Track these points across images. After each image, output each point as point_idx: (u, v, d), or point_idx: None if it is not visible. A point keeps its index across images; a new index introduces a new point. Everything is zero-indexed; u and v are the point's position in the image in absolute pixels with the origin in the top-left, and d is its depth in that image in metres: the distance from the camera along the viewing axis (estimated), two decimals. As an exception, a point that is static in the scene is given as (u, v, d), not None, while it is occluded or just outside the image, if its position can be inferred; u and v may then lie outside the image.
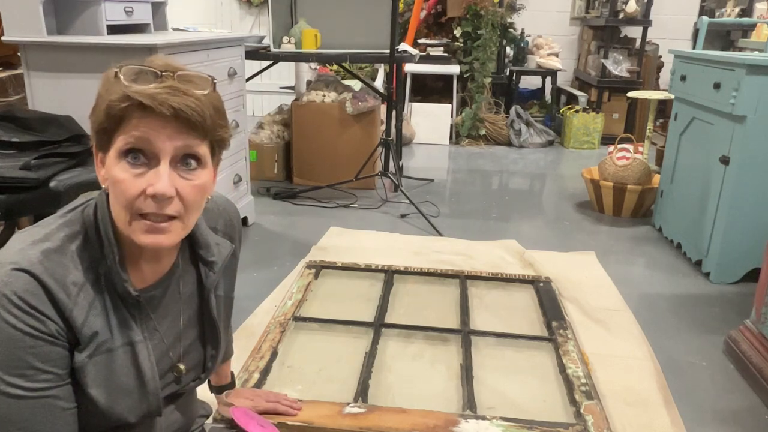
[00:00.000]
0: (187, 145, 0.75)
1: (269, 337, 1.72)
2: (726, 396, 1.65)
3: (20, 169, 1.56)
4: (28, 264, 0.72)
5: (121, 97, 0.72)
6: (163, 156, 0.73)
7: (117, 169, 0.74)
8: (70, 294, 0.75)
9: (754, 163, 2.21)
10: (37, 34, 1.99)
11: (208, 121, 0.75)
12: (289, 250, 2.54)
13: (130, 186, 0.73)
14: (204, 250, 0.92)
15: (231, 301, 1.04)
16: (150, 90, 0.72)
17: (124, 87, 0.72)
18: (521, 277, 2.21)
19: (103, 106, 0.74)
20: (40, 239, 0.76)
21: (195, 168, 0.77)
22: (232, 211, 1.04)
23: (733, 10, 4.87)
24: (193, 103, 0.73)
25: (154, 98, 0.71)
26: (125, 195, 0.74)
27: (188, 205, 0.77)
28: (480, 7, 4.58)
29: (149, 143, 0.73)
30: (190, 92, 0.73)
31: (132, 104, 0.72)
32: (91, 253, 0.79)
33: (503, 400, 1.52)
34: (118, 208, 0.75)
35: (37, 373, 0.72)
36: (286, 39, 3.27)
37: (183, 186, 0.76)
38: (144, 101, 0.71)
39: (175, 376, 0.93)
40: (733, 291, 2.29)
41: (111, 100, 0.73)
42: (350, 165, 3.29)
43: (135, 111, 0.72)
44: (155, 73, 0.74)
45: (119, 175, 0.74)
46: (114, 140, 0.74)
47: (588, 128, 4.70)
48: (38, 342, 0.72)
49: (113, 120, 0.73)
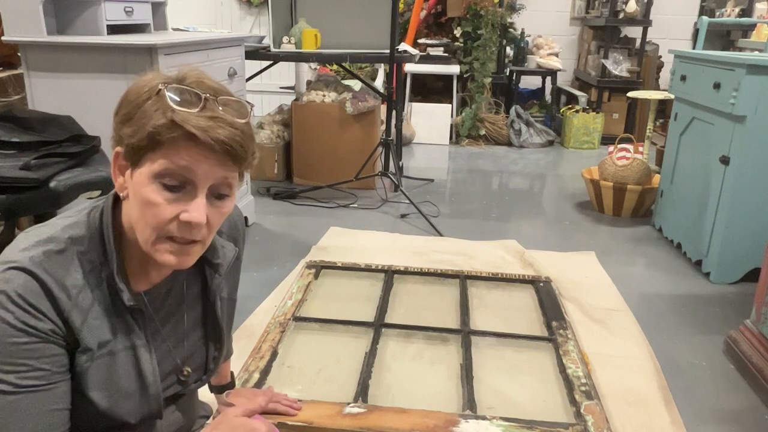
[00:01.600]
0: (225, 177, 0.75)
1: (269, 337, 1.72)
2: (726, 396, 1.65)
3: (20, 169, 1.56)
4: (29, 264, 0.73)
5: (169, 124, 0.71)
6: (201, 186, 0.74)
7: (150, 190, 0.73)
8: (69, 295, 0.75)
9: (754, 163, 2.21)
10: (37, 34, 1.99)
11: (249, 153, 0.76)
12: (289, 250, 2.54)
13: (164, 210, 0.73)
14: (210, 253, 0.92)
15: (234, 303, 1.05)
16: (200, 122, 0.71)
17: (170, 110, 0.71)
18: (521, 277, 2.20)
19: (146, 125, 0.72)
20: (44, 240, 0.76)
21: (225, 197, 0.78)
22: (237, 215, 1.05)
23: (733, 10, 4.87)
24: (239, 137, 0.73)
25: (205, 131, 0.71)
26: (157, 218, 0.74)
27: (212, 229, 0.79)
28: (480, 7, 4.58)
29: (191, 172, 0.73)
30: (236, 124, 0.73)
31: (181, 134, 0.71)
32: (94, 257, 0.79)
33: (503, 400, 1.52)
34: (144, 226, 0.75)
35: (29, 370, 0.72)
36: (286, 39, 3.27)
37: (212, 214, 0.77)
38: (195, 133, 0.70)
39: (179, 378, 0.93)
40: (733, 291, 2.29)
41: (158, 125, 0.71)
42: (350, 165, 3.29)
43: (182, 139, 0.71)
44: (198, 94, 0.73)
45: (153, 198, 0.73)
46: (149, 159, 0.73)
47: (588, 128, 4.70)
48: (32, 339, 0.72)
49: (155, 142, 0.72)
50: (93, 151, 1.75)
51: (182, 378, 0.93)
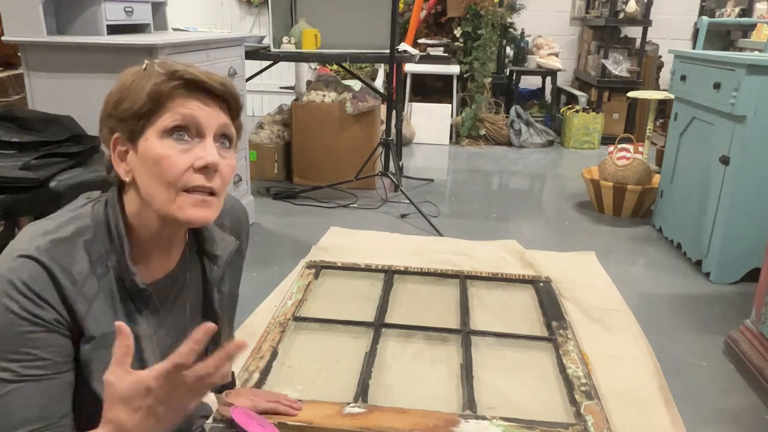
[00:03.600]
0: (226, 124, 0.80)
1: (269, 337, 1.72)
2: (726, 396, 1.65)
3: (20, 169, 1.56)
4: (35, 251, 0.74)
5: (168, 76, 0.75)
6: (208, 132, 0.78)
7: (160, 147, 0.76)
8: (75, 282, 0.75)
9: (754, 163, 2.21)
10: (37, 34, 1.99)
11: (239, 102, 0.82)
12: (289, 250, 2.54)
13: (178, 161, 0.76)
14: (209, 244, 0.94)
15: (235, 298, 1.05)
16: (194, 71, 0.76)
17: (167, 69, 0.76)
18: (521, 277, 2.20)
19: (143, 91, 0.75)
20: (50, 230, 0.77)
21: (229, 147, 0.82)
22: (240, 210, 1.06)
23: (733, 10, 4.87)
24: (230, 85, 0.79)
25: (207, 76, 0.76)
26: (173, 170, 0.76)
27: (225, 183, 0.81)
28: (480, 7, 4.58)
29: (196, 120, 0.77)
30: (224, 77, 0.80)
31: (180, 83, 0.76)
32: (100, 247, 0.80)
33: (503, 400, 1.52)
34: (160, 187, 0.77)
35: (33, 359, 0.73)
36: (286, 39, 3.27)
37: (222, 163, 0.79)
38: (197, 78, 0.76)
39: None
40: (733, 291, 2.29)
41: (156, 83, 0.75)
42: (350, 165, 3.29)
43: (180, 90, 0.76)
44: (180, 65, 0.78)
45: (165, 152, 0.76)
46: (152, 122, 0.76)
47: (588, 128, 4.70)
48: (36, 328, 0.72)
49: (156, 102, 0.76)
50: (93, 151, 1.75)
51: None
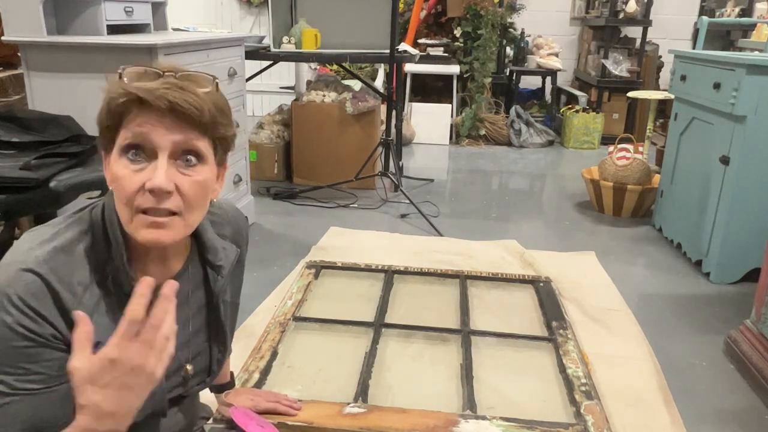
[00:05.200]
0: (186, 140, 0.75)
1: (269, 337, 1.72)
2: (726, 396, 1.65)
3: (20, 169, 1.56)
4: (34, 263, 0.72)
5: (121, 92, 0.73)
6: (161, 151, 0.74)
7: (118, 166, 0.75)
8: (75, 293, 0.75)
9: (754, 163, 2.21)
10: (37, 34, 1.99)
11: (207, 117, 0.75)
12: (289, 250, 2.54)
13: (130, 182, 0.73)
14: (212, 255, 0.93)
15: (236, 306, 1.05)
16: (149, 86, 0.73)
17: (125, 85, 0.74)
18: (521, 277, 2.20)
19: (107, 103, 0.75)
20: (48, 239, 0.76)
21: (195, 164, 0.77)
22: (241, 220, 1.05)
23: (733, 10, 4.87)
24: (191, 98, 0.73)
25: (151, 92, 0.72)
26: (125, 191, 0.74)
27: (189, 201, 0.77)
28: (480, 7, 4.58)
29: (146, 138, 0.73)
30: (190, 89, 0.74)
31: (130, 99, 0.73)
32: (99, 254, 0.79)
33: (503, 400, 1.52)
34: (121, 205, 0.76)
35: (27, 374, 0.72)
36: (286, 39, 3.27)
37: (183, 182, 0.76)
38: (141, 95, 0.72)
39: (183, 377, 0.93)
40: (733, 291, 2.29)
41: (111, 97, 0.74)
42: (350, 165, 3.29)
43: (134, 106, 0.73)
44: (158, 72, 0.75)
45: (120, 172, 0.74)
46: (115, 138, 0.76)
47: (588, 128, 4.70)
48: (31, 343, 0.71)
49: (114, 117, 0.75)
50: (93, 151, 1.75)
51: (185, 377, 0.94)
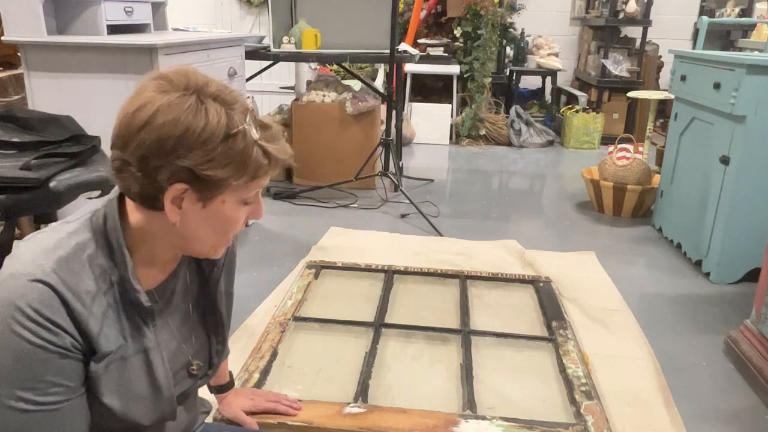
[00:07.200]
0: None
1: (269, 337, 1.72)
2: (726, 396, 1.65)
3: (20, 169, 1.55)
4: (42, 274, 0.71)
5: (269, 163, 0.78)
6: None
7: (236, 211, 0.80)
8: (84, 303, 0.74)
9: (754, 163, 2.21)
10: (37, 34, 1.99)
11: None
12: (289, 250, 2.54)
13: (241, 221, 0.82)
14: None
15: (231, 296, 1.05)
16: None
17: (259, 146, 0.76)
18: (521, 277, 2.20)
19: (247, 167, 0.75)
20: (51, 248, 0.74)
21: None
22: None
23: (733, 10, 4.87)
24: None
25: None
26: (237, 227, 0.82)
27: None
28: (480, 7, 4.58)
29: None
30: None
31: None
32: (102, 261, 0.78)
33: (503, 400, 1.52)
34: (214, 237, 0.82)
35: (49, 386, 0.71)
36: (286, 39, 3.27)
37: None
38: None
39: (189, 372, 0.94)
40: (733, 291, 2.29)
41: (262, 164, 0.76)
42: (350, 165, 3.29)
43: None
44: (263, 124, 0.78)
45: (238, 217, 0.81)
46: (235, 188, 0.77)
47: (588, 128, 4.70)
48: (51, 356, 0.71)
49: (250, 175, 0.77)
50: (93, 151, 1.75)
51: (192, 372, 0.94)
